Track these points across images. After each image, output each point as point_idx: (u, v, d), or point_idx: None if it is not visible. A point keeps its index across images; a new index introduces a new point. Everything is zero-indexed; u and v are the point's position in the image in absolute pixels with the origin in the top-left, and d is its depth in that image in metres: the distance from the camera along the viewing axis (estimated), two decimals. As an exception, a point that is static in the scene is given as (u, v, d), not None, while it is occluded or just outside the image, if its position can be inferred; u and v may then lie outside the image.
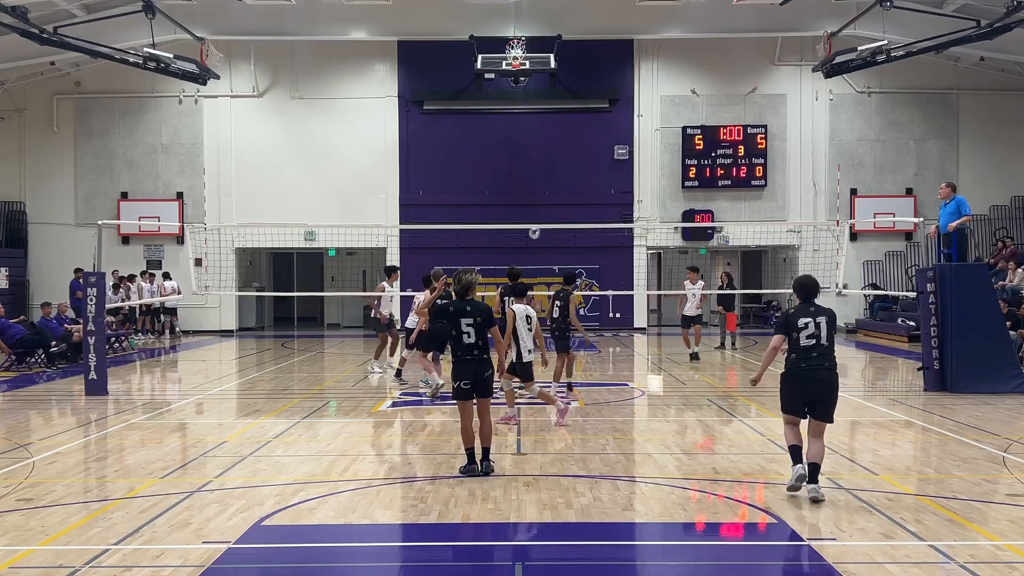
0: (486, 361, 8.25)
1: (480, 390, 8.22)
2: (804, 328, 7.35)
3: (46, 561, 5.93)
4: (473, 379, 8.14)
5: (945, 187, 14.66)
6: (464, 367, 8.17)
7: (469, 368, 8.15)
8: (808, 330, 7.35)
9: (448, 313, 8.27)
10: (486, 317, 8.26)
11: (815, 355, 7.33)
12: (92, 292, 13.69)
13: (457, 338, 8.19)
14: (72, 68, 26.51)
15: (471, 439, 8.29)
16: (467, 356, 8.17)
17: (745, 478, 8.22)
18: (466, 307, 8.24)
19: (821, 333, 7.35)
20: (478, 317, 8.19)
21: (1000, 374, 13.34)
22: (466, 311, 8.19)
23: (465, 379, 8.13)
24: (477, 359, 8.18)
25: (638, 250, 26.41)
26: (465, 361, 8.18)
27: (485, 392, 8.27)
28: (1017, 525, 6.64)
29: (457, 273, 8.51)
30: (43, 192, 27.43)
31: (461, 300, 8.37)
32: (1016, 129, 27.14)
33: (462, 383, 8.15)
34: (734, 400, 13.16)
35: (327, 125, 27.23)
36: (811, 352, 7.34)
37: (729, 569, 6.10)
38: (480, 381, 8.18)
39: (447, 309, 8.35)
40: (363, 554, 6.45)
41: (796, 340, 7.37)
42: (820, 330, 7.34)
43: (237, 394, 14.58)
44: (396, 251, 27.00)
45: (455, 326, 8.18)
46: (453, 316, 8.21)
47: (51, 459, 9.14)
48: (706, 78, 27.35)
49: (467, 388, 8.14)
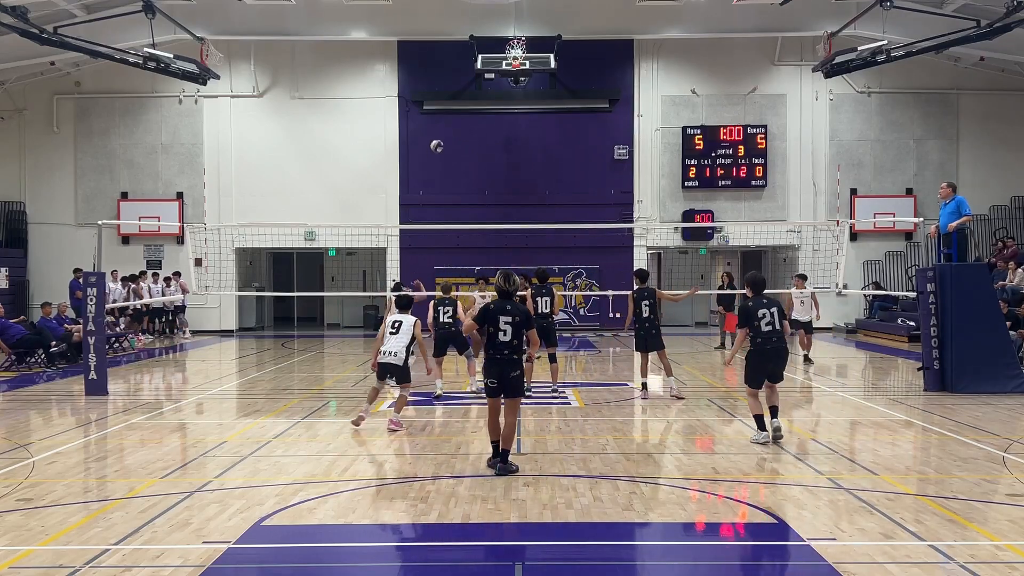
0: (516, 361, 8.40)
1: (507, 389, 8.37)
2: (763, 317, 9.44)
3: (46, 561, 5.93)
4: (499, 378, 8.33)
5: (946, 187, 14.66)
6: (493, 366, 8.37)
7: (497, 367, 8.34)
8: (766, 319, 9.45)
9: (488, 311, 8.43)
10: (524, 318, 8.44)
11: (774, 339, 9.48)
12: (92, 292, 13.69)
13: (493, 336, 8.37)
14: (72, 68, 26.51)
15: (497, 432, 8.48)
16: (498, 355, 8.36)
17: (745, 478, 8.22)
18: (506, 306, 8.43)
19: (775, 320, 9.47)
20: (516, 317, 8.39)
21: (1000, 374, 13.34)
22: (506, 310, 8.40)
23: (492, 378, 8.35)
24: (507, 359, 8.34)
25: (638, 250, 26.44)
26: (495, 360, 8.36)
27: (512, 392, 8.41)
28: (1017, 525, 6.63)
29: (507, 274, 8.61)
30: (43, 192, 27.44)
31: (502, 300, 8.52)
32: (1016, 129, 27.14)
33: (489, 381, 8.38)
34: (734, 400, 13.16)
35: (327, 125, 27.23)
36: (771, 336, 9.47)
37: (729, 569, 6.10)
38: (507, 380, 8.34)
39: (487, 307, 8.49)
40: (363, 554, 6.44)
41: (757, 327, 9.45)
42: (774, 317, 9.47)
43: (237, 394, 14.57)
44: (396, 251, 27.01)
45: (493, 323, 8.36)
46: (493, 314, 8.40)
47: (51, 459, 9.14)
48: (706, 78, 27.36)
49: (494, 387, 8.36)
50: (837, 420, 11.55)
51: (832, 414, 11.96)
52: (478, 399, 12.81)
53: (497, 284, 8.62)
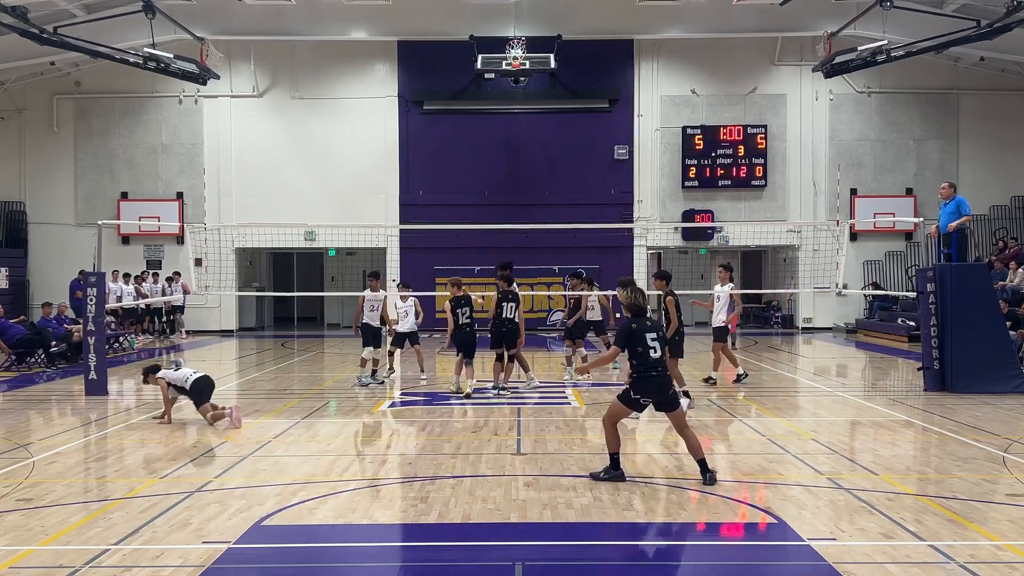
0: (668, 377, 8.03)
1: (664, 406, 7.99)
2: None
3: (46, 561, 5.93)
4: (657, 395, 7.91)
5: (946, 187, 14.65)
6: (649, 383, 7.86)
7: (654, 384, 7.86)
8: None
9: (632, 332, 7.87)
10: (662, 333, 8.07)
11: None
12: (92, 292, 13.69)
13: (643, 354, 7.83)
14: (72, 68, 26.51)
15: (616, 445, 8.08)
16: (652, 372, 7.84)
17: (745, 478, 8.22)
18: (647, 323, 7.99)
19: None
20: (660, 332, 8.01)
21: (1000, 374, 13.34)
22: (648, 327, 7.95)
23: (648, 396, 7.89)
24: (662, 375, 7.91)
25: (638, 250, 26.42)
26: (650, 377, 7.86)
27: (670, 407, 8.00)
28: (1017, 525, 6.63)
29: (634, 287, 8.15)
30: (43, 192, 27.44)
31: (642, 317, 8.05)
32: (1016, 129, 27.14)
33: (643, 399, 7.91)
34: (734, 400, 13.16)
35: (327, 125, 27.24)
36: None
37: (729, 569, 6.10)
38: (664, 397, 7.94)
39: (630, 327, 7.89)
40: (363, 554, 6.44)
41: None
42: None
43: (237, 394, 14.57)
44: (396, 251, 27.02)
45: (642, 343, 7.84)
46: (638, 333, 7.88)
47: (51, 459, 9.14)
48: (706, 78, 27.35)
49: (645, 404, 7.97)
50: (837, 420, 11.55)
51: (832, 414, 11.95)
52: (476, 400, 12.81)
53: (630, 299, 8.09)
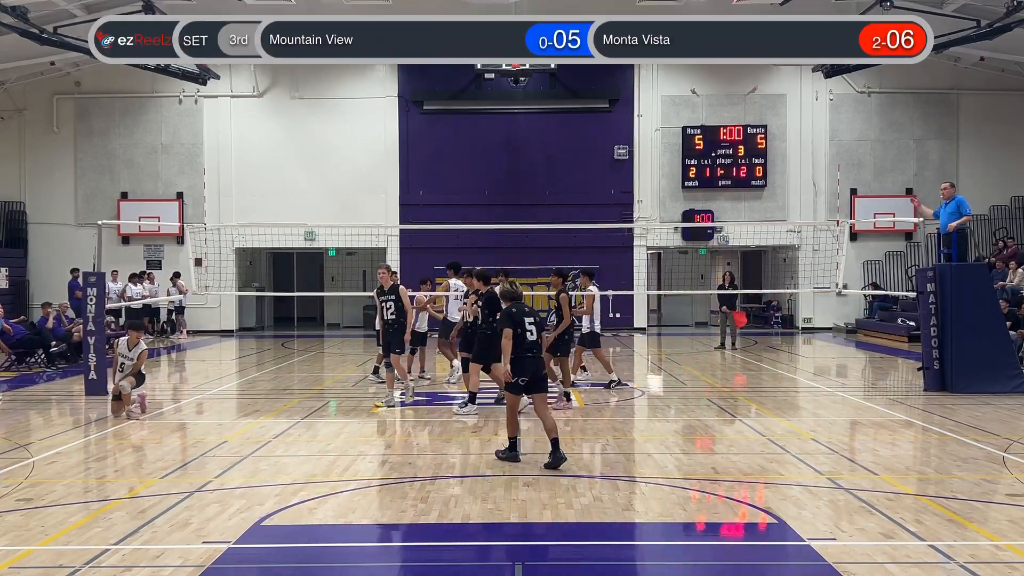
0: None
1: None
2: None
3: (46, 561, 5.93)
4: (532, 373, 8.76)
5: (947, 187, 14.63)
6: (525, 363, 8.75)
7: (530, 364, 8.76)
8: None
9: (512, 315, 8.86)
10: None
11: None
12: (92, 292, 13.69)
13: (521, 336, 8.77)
14: (72, 68, 26.50)
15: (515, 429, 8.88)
16: (528, 354, 8.76)
17: (745, 478, 8.22)
18: (525, 307, 9.04)
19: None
20: (536, 318, 9.04)
21: (1000, 374, 13.33)
22: (526, 312, 8.97)
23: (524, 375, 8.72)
24: (536, 356, 8.88)
25: (638, 250, 26.40)
26: (527, 358, 8.75)
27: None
28: (1017, 525, 6.64)
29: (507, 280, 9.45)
30: (43, 192, 27.42)
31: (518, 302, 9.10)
32: (1016, 129, 27.13)
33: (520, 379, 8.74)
34: (734, 400, 13.16)
35: (327, 125, 27.23)
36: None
37: (729, 569, 6.10)
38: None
39: (511, 311, 8.92)
40: (363, 554, 6.45)
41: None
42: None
43: (237, 394, 14.58)
44: (396, 251, 27.01)
45: (521, 326, 8.79)
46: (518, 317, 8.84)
47: (51, 459, 9.14)
48: (706, 78, 27.34)
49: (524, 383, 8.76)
50: (837, 420, 11.55)
51: (832, 414, 11.95)
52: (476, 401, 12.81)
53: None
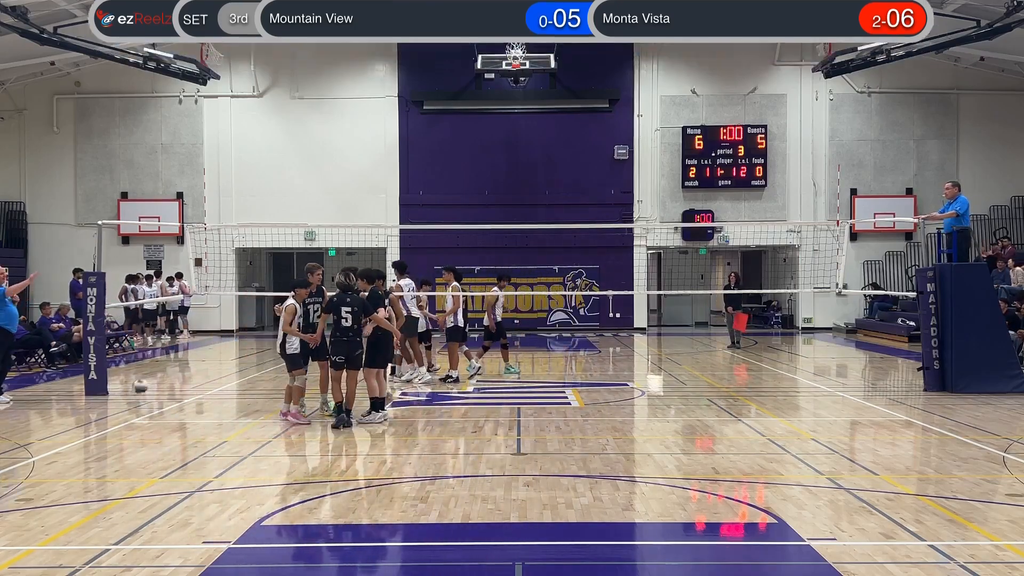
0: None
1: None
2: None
3: (46, 561, 5.93)
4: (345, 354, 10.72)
5: (950, 186, 14.59)
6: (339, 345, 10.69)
7: (343, 346, 10.69)
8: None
9: (332, 303, 10.68)
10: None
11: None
12: (92, 292, 13.69)
13: (337, 321, 10.53)
14: (72, 68, 26.50)
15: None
16: (343, 337, 10.62)
17: (745, 478, 8.22)
18: (346, 297, 10.68)
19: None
20: (356, 308, 10.65)
21: (1000, 374, 13.33)
22: (347, 301, 10.62)
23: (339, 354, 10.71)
24: (351, 340, 10.68)
25: (638, 250, 26.34)
26: (341, 341, 10.64)
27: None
28: (1017, 525, 6.63)
29: (347, 271, 11.01)
30: (43, 192, 27.43)
31: (344, 292, 10.74)
32: (1016, 129, 27.13)
33: (336, 358, 10.74)
34: (734, 400, 13.16)
35: (327, 125, 27.23)
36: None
37: (729, 569, 6.10)
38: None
39: (332, 299, 10.72)
40: (363, 554, 6.45)
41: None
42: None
43: (237, 394, 14.57)
44: (396, 251, 26.98)
45: (337, 312, 10.58)
46: (336, 305, 10.65)
47: (51, 459, 9.14)
48: (706, 78, 27.35)
49: (340, 362, 10.72)
50: (837, 420, 11.55)
51: (832, 414, 11.95)
52: (476, 400, 12.79)
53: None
